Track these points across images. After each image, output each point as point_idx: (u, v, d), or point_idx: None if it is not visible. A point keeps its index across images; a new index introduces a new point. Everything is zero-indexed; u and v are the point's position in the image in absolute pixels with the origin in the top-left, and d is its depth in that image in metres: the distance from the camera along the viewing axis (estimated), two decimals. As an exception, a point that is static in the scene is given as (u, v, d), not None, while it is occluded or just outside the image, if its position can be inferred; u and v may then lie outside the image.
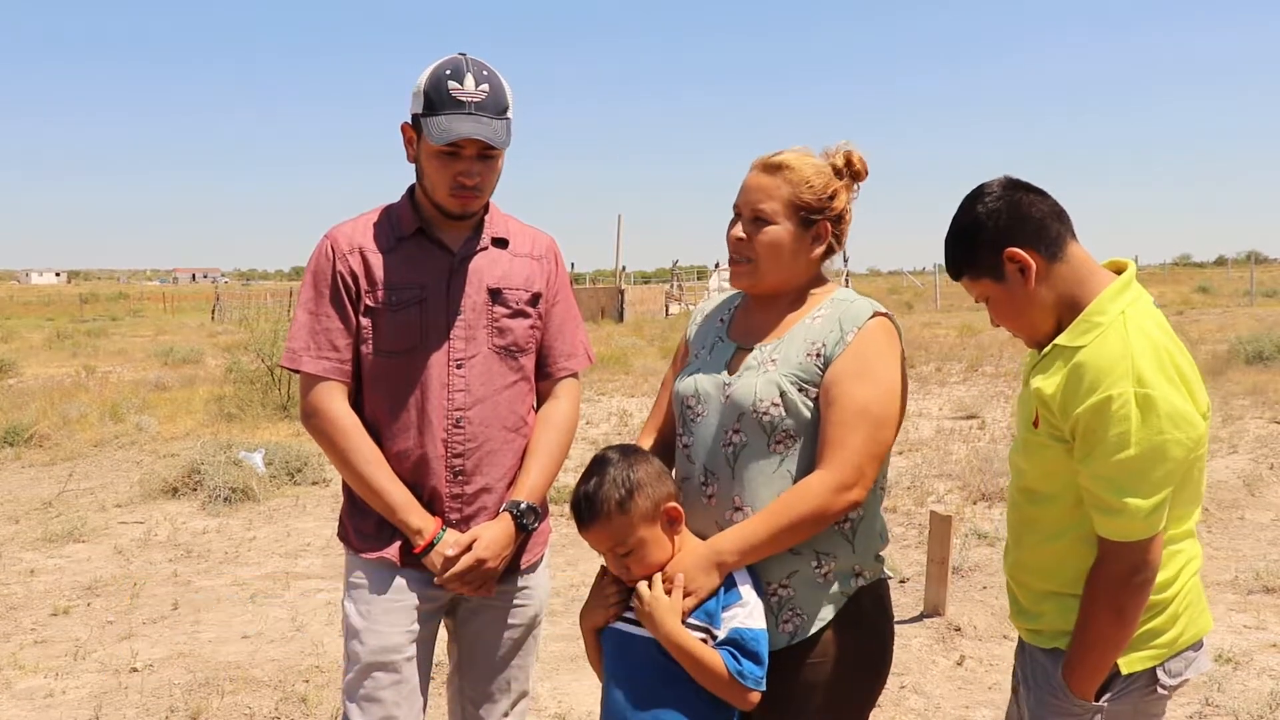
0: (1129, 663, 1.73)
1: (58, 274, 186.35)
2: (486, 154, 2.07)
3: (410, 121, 2.11)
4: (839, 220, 1.94)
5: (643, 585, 1.83)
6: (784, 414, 1.82)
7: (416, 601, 2.12)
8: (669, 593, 1.80)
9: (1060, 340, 1.74)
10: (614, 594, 1.90)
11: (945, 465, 7.70)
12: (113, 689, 3.97)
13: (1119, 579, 1.66)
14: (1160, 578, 1.72)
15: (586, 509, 1.83)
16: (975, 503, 6.63)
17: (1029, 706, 1.84)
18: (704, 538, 1.87)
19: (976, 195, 1.80)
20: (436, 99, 2.02)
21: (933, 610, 4.62)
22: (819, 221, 1.90)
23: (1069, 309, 1.76)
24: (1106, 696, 1.74)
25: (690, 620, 1.80)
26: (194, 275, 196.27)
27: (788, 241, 1.90)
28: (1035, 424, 1.76)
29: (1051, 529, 1.78)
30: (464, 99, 2.02)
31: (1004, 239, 1.75)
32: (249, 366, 11.61)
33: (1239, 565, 5.16)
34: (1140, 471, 1.61)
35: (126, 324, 35.15)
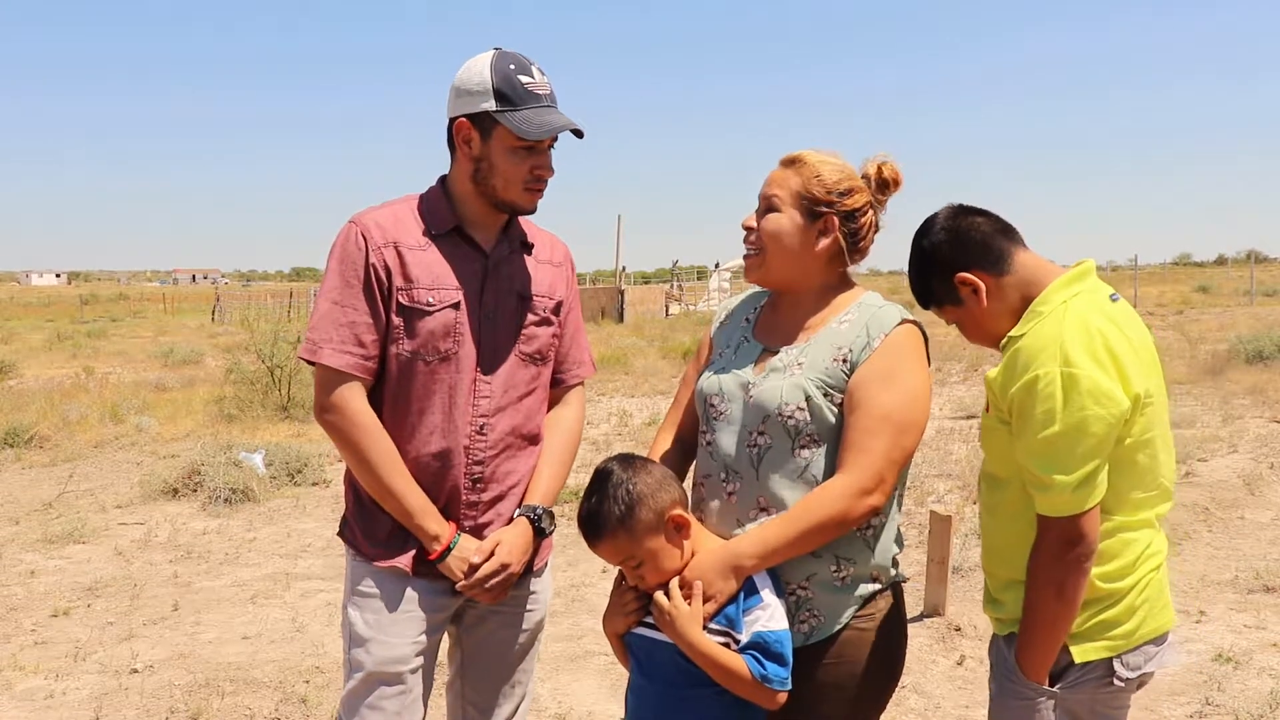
0: (1082, 652, 1.76)
1: (58, 275, 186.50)
2: (551, 146, 2.07)
3: (469, 118, 2.01)
4: (851, 218, 1.92)
5: (661, 595, 1.82)
6: (809, 418, 1.82)
7: (427, 613, 2.07)
8: (688, 599, 1.79)
9: (1011, 332, 1.82)
10: (633, 600, 1.89)
11: (945, 465, 7.71)
12: (113, 690, 3.97)
13: (1054, 554, 1.70)
14: (1113, 566, 1.75)
15: (591, 527, 1.82)
16: (975, 503, 6.63)
17: (991, 694, 1.88)
18: (726, 537, 1.87)
19: (924, 230, 1.92)
20: (513, 94, 1.98)
21: (933, 610, 4.62)
22: (826, 215, 1.90)
23: (1024, 309, 1.83)
24: (1060, 684, 1.76)
25: (711, 625, 1.79)
26: (194, 276, 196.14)
27: (790, 229, 1.90)
28: (988, 409, 1.85)
29: (1008, 512, 1.83)
30: (539, 92, 2.00)
31: (951, 266, 1.87)
32: (249, 367, 11.62)
33: (1239, 565, 5.16)
34: (1064, 447, 1.67)
35: (126, 325, 35.13)
